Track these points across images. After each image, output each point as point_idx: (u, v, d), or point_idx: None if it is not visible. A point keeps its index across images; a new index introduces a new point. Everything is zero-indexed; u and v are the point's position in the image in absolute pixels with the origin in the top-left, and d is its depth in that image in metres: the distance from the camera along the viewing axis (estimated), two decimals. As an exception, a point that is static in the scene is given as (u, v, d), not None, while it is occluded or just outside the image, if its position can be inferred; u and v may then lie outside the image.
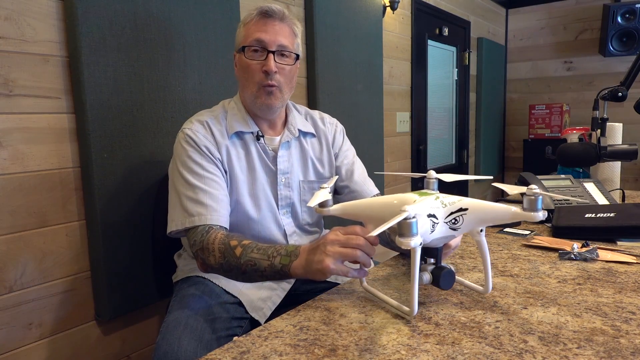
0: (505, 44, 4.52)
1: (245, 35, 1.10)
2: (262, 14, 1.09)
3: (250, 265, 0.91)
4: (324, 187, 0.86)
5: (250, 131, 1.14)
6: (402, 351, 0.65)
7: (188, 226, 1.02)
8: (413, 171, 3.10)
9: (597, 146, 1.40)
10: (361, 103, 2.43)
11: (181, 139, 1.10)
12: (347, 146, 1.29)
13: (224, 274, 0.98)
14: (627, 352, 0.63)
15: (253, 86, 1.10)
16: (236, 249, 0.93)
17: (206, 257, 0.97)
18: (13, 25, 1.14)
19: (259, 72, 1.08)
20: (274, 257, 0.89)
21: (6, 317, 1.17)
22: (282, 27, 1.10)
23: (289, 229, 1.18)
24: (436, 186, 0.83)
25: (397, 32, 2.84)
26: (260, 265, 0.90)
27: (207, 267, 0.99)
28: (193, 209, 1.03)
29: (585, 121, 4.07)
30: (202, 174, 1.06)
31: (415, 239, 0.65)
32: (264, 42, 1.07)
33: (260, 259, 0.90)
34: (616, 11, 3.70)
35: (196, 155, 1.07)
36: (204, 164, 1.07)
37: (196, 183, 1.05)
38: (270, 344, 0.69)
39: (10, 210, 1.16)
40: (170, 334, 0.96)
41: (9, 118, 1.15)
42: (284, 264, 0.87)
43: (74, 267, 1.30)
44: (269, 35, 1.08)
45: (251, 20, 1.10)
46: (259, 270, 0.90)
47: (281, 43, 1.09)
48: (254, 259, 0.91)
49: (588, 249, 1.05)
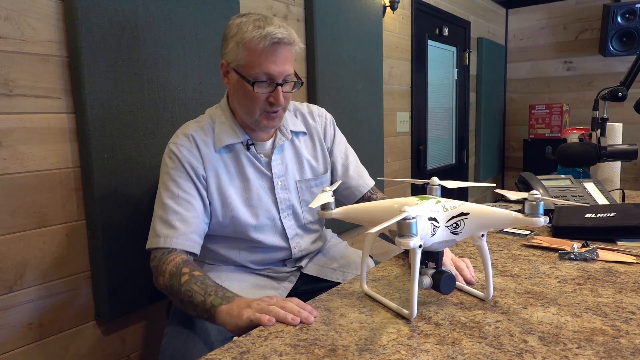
0: (505, 44, 4.52)
1: (251, 63, 1.01)
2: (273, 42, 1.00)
3: (187, 296, 0.90)
4: (326, 190, 0.86)
5: (239, 141, 1.11)
6: (402, 351, 0.65)
7: (153, 247, 1.04)
8: (413, 171, 3.10)
9: (597, 146, 1.40)
10: (361, 103, 2.43)
11: (165, 154, 1.10)
12: (339, 138, 1.28)
13: (170, 297, 0.98)
14: (627, 352, 0.63)
15: (255, 112, 1.06)
16: (183, 276, 0.93)
17: (156, 277, 1.00)
18: (13, 25, 1.14)
19: (264, 102, 1.05)
20: (209, 295, 0.87)
21: (6, 317, 1.17)
22: (287, 53, 1.04)
23: (290, 232, 1.17)
24: (439, 192, 0.83)
25: (397, 32, 2.84)
26: (195, 299, 0.88)
27: (157, 286, 1.02)
28: (161, 230, 1.04)
29: (585, 121, 4.07)
30: (177, 193, 1.05)
31: (414, 240, 0.65)
32: (273, 76, 1.02)
33: (197, 293, 0.89)
34: (616, 11, 3.70)
35: (175, 172, 1.07)
36: (181, 182, 1.06)
37: (169, 203, 1.05)
38: (270, 344, 0.69)
39: (10, 210, 1.16)
40: (177, 337, 0.96)
41: (9, 118, 1.15)
42: (213, 305, 0.85)
43: (74, 267, 1.30)
44: (278, 67, 1.02)
45: (257, 46, 1.00)
46: (193, 303, 0.89)
47: (288, 73, 1.05)
48: (192, 290, 0.90)
49: (588, 249, 1.05)
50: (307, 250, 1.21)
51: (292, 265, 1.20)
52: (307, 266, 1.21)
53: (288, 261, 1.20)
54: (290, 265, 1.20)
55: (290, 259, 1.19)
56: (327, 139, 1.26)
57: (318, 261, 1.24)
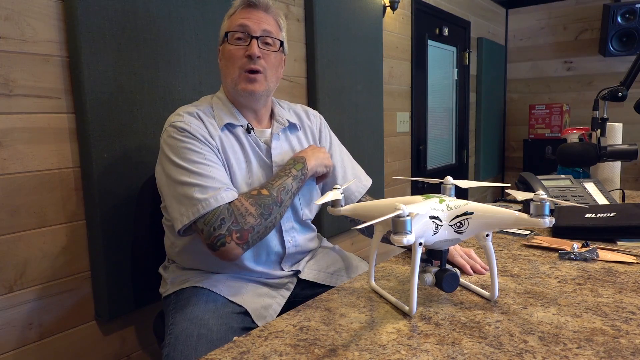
0: (505, 44, 4.52)
1: (229, 24, 1.09)
2: (246, 4, 1.08)
3: (282, 190, 1.01)
4: (336, 187, 0.88)
5: (240, 124, 1.10)
6: (402, 351, 0.65)
7: (203, 212, 0.95)
8: (413, 171, 3.10)
9: (597, 146, 1.40)
10: (361, 103, 2.43)
11: (172, 132, 1.03)
12: (335, 141, 1.29)
13: (265, 226, 0.99)
14: (627, 352, 0.63)
15: (234, 71, 1.07)
16: (262, 190, 1.01)
17: (243, 223, 0.95)
18: (13, 25, 1.14)
19: (241, 58, 1.06)
20: (289, 170, 1.05)
21: (6, 317, 1.17)
22: (266, 17, 1.09)
23: (286, 225, 1.14)
24: (453, 192, 0.84)
25: (397, 32, 2.84)
26: (287, 184, 1.02)
27: (244, 239, 0.95)
28: (198, 195, 0.96)
29: (585, 121, 4.07)
30: (205, 162, 1.00)
31: (408, 237, 0.66)
32: (247, 27, 1.06)
33: (282, 181, 1.02)
34: (616, 11, 3.70)
35: (194, 145, 1.01)
36: (204, 153, 1.01)
37: (201, 171, 0.98)
38: (270, 344, 0.69)
39: (10, 210, 1.16)
40: (183, 345, 0.93)
41: (9, 118, 1.15)
42: (301, 169, 1.05)
43: (74, 267, 1.30)
44: (252, 22, 1.07)
45: (235, 11, 1.10)
46: (289, 190, 1.02)
47: (265, 29, 1.07)
48: (278, 184, 1.02)
49: (588, 249, 1.05)
50: (302, 247, 1.18)
51: (288, 267, 1.17)
52: (304, 271, 1.19)
53: (284, 263, 1.16)
54: (286, 267, 1.17)
55: (286, 257, 1.15)
56: (323, 140, 1.26)
57: (314, 266, 1.21)
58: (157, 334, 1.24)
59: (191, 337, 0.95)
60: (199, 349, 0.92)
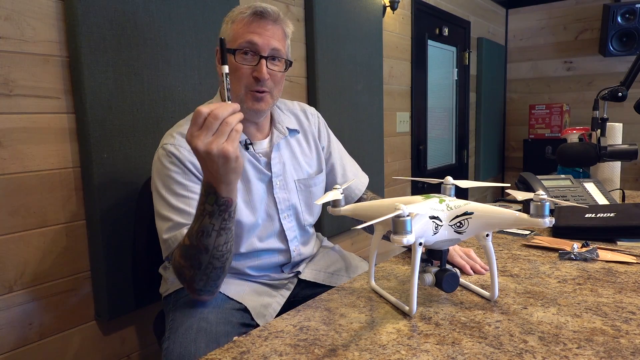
0: (505, 44, 4.52)
1: (235, 35, 1.03)
2: (255, 14, 1.02)
3: (201, 236, 0.87)
4: (336, 187, 0.87)
5: None
6: (402, 351, 0.65)
7: (167, 254, 1.00)
8: (413, 171, 3.10)
9: (597, 146, 1.40)
10: (361, 103, 2.43)
11: (162, 155, 1.03)
12: (333, 140, 1.29)
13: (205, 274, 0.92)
14: (627, 352, 0.63)
15: (240, 89, 1.03)
16: (185, 240, 0.91)
17: (183, 278, 0.95)
18: (13, 25, 1.14)
19: (248, 77, 1.02)
20: (203, 207, 0.86)
21: (6, 317, 1.17)
22: (275, 29, 1.04)
23: (290, 234, 1.15)
24: (453, 192, 0.84)
25: (397, 32, 2.84)
26: (205, 227, 0.86)
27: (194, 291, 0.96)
28: (168, 235, 0.99)
29: (585, 121, 4.07)
30: (187, 195, 1.00)
31: (408, 237, 0.66)
32: (257, 45, 1.01)
33: (200, 224, 0.87)
34: (616, 11, 3.70)
35: (179, 175, 1.01)
36: (188, 184, 1.01)
37: (179, 205, 0.99)
38: (270, 344, 0.69)
39: (10, 210, 1.16)
40: (183, 337, 0.94)
41: (9, 118, 1.15)
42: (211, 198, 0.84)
43: (74, 267, 1.30)
44: (262, 39, 1.01)
45: (242, 20, 1.03)
46: (210, 231, 0.86)
47: (274, 47, 1.03)
48: (197, 229, 0.87)
49: (588, 249, 1.05)
50: (305, 254, 1.19)
51: (289, 270, 1.17)
52: (304, 271, 1.19)
53: (285, 266, 1.17)
54: (287, 271, 1.17)
55: (288, 264, 1.16)
56: (322, 139, 1.26)
57: (314, 266, 1.21)
58: (157, 334, 1.24)
59: (190, 329, 0.96)
60: (198, 342, 0.92)
